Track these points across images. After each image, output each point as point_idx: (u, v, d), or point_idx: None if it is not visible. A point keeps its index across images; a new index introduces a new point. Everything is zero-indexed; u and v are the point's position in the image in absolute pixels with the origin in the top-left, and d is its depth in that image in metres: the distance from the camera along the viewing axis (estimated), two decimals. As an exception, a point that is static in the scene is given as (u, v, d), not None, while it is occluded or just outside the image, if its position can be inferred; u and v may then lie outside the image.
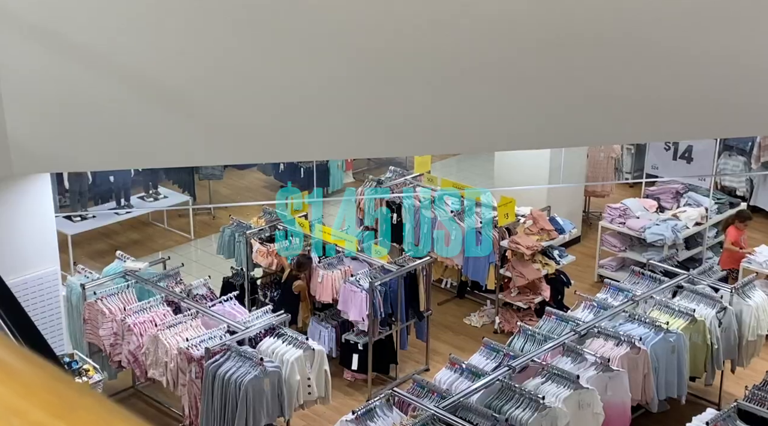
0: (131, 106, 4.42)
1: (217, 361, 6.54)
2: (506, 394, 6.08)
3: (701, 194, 10.10)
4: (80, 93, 4.33)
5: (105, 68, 4.15)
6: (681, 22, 3.94)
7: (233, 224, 9.10)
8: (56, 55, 3.94)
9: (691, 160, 10.44)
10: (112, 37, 3.95)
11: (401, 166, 10.98)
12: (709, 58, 4.19)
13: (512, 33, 3.95)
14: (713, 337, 7.18)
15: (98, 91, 4.32)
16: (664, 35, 4.00)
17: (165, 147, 4.87)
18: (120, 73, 4.14)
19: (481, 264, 8.98)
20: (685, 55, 4.18)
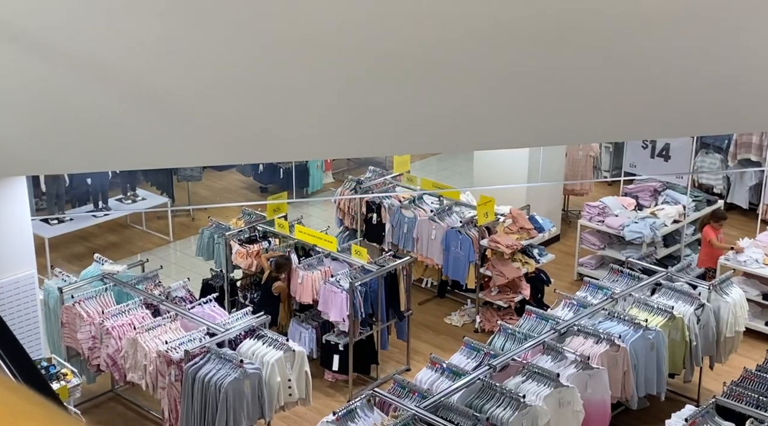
0: (108, 107, 4.37)
1: (196, 363, 6.50)
2: (487, 393, 6.09)
3: (679, 192, 10.18)
4: (56, 94, 4.28)
5: (81, 69, 4.11)
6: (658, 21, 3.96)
7: (212, 226, 9.05)
8: (31, 56, 3.89)
9: (668, 158, 10.52)
10: (88, 37, 3.91)
11: (381, 166, 10.98)
12: (685, 57, 4.21)
13: (492, 32, 3.96)
14: (692, 333, 7.24)
15: (74, 92, 4.27)
16: (640, 34, 4.01)
17: (143, 149, 4.83)
18: (97, 74, 4.10)
19: (461, 263, 9.00)
20: (662, 53, 4.20)
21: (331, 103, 4.36)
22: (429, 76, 4.25)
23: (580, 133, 5.24)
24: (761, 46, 4.02)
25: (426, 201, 9.56)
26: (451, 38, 4.04)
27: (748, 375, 6.19)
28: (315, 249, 8.42)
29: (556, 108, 4.46)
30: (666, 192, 10.22)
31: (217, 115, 4.64)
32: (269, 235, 8.79)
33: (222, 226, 8.95)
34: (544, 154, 10.20)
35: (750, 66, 4.14)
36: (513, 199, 9.82)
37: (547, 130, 4.75)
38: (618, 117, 4.71)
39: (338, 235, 9.75)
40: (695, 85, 4.41)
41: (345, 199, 9.89)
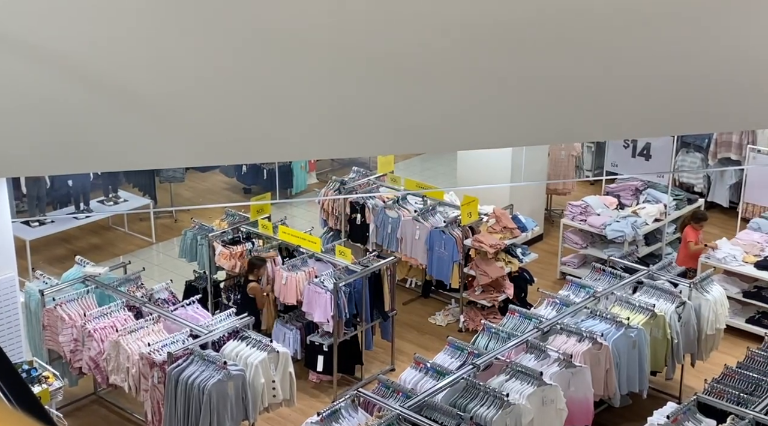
0: (89, 107, 4.34)
1: (179, 365, 6.48)
2: (471, 392, 6.11)
3: (660, 191, 10.26)
4: (35, 95, 4.25)
5: (61, 69, 4.08)
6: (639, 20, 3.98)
7: (195, 227, 9.02)
8: (8, 55, 3.85)
9: (649, 157, 10.60)
10: (67, 36, 3.87)
11: (364, 166, 10.98)
12: (666, 56, 4.24)
13: (474, 32, 3.97)
14: (673, 331, 7.30)
15: (54, 92, 4.24)
16: (621, 33, 4.04)
17: (124, 150, 4.80)
18: (77, 74, 4.07)
19: (445, 263, 9.02)
20: (643, 53, 4.22)
21: (314, 104, 4.35)
22: (412, 76, 4.26)
23: (562, 132, 5.27)
24: (742, 45, 4.06)
25: (410, 201, 9.58)
26: (433, 38, 4.05)
27: (729, 372, 6.25)
28: (299, 250, 8.41)
29: (538, 108, 4.48)
30: (647, 191, 10.29)
31: (199, 115, 4.62)
32: (253, 236, 8.78)
33: (205, 228, 8.91)
34: (526, 154, 10.25)
35: (730, 65, 4.18)
36: (496, 198, 9.86)
37: (529, 129, 4.77)
38: (600, 116, 4.74)
39: (322, 236, 9.75)
40: (676, 84, 4.45)
41: (329, 199, 9.89)
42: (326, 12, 3.80)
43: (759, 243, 9.21)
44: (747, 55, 4.05)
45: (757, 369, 6.31)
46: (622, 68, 4.21)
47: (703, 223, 9.10)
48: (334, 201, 9.85)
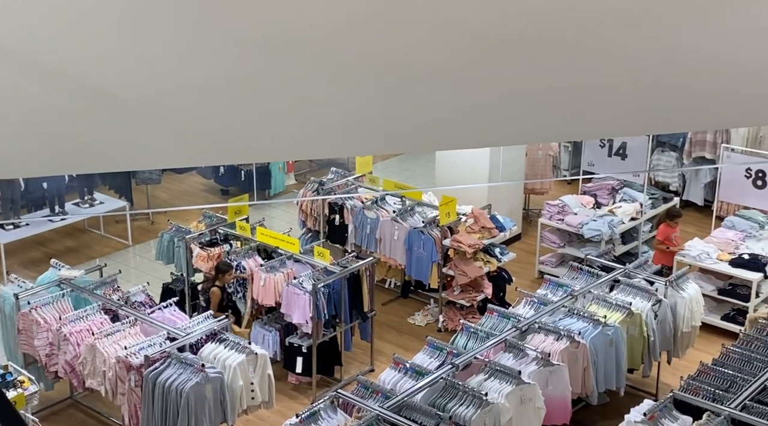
0: (63, 108, 4.30)
1: (157, 368, 6.43)
2: (450, 391, 6.12)
3: (636, 190, 10.35)
4: (9, 96, 4.20)
5: (34, 69, 4.04)
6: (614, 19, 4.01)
7: (172, 229, 8.96)
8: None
9: (625, 156, 10.69)
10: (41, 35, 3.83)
11: (343, 167, 10.97)
12: (641, 56, 4.28)
13: (450, 32, 3.97)
14: (649, 329, 7.36)
15: (27, 92, 4.19)
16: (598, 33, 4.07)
17: (100, 151, 4.76)
18: (51, 74, 4.03)
19: (424, 263, 9.03)
20: (618, 53, 4.26)
21: (292, 104, 4.34)
22: (389, 76, 4.26)
23: (539, 132, 5.30)
24: (716, 44, 4.11)
25: (388, 202, 9.58)
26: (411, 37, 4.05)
27: (705, 369, 6.30)
28: (277, 251, 8.38)
29: (516, 108, 4.50)
30: (623, 190, 10.38)
31: (177, 115, 4.59)
32: (230, 238, 8.74)
33: (182, 230, 8.86)
34: (504, 154, 10.29)
35: (704, 65, 4.22)
36: (474, 198, 9.89)
37: (507, 129, 4.80)
38: (576, 116, 4.77)
39: (301, 237, 9.73)
40: (651, 83, 4.48)
41: (307, 200, 9.87)
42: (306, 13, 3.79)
43: (733, 241, 9.32)
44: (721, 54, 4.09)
45: (732, 366, 6.37)
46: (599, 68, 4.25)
47: (677, 220, 9.18)
48: (312, 202, 9.83)
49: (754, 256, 8.94)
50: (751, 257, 8.92)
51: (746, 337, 6.77)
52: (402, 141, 5.56)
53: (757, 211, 9.82)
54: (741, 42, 4.25)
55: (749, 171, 9.69)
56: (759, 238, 9.39)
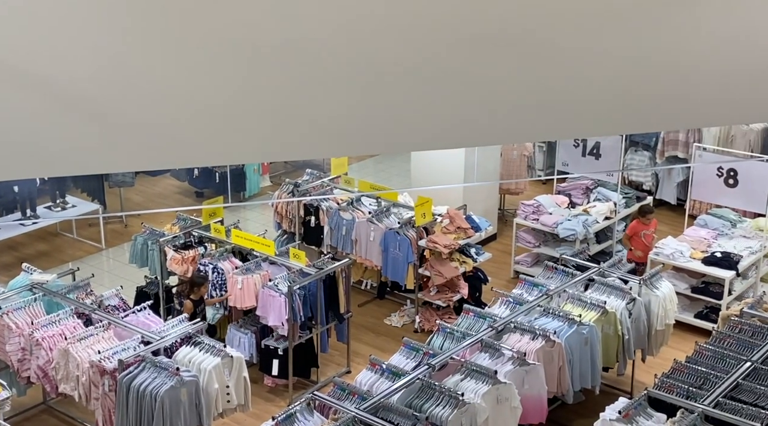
0: (33, 110, 4.25)
1: (131, 372, 6.37)
2: (426, 392, 6.13)
3: (610, 189, 10.43)
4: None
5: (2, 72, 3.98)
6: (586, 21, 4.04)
7: (146, 232, 8.88)
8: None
9: (599, 156, 10.76)
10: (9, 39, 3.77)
11: (318, 168, 10.94)
12: (614, 57, 4.31)
13: (426, 32, 3.97)
14: (624, 327, 7.41)
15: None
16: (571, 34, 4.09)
17: (72, 154, 4.70)
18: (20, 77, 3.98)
19: (400, 264, 9.03)
20: (592, 53, 4.28)
21: (266, 105, 4.31)
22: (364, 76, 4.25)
23: (514, 132, 5.32)
24: (687, 44, 4.14)
25: (364, 203, 9.57)
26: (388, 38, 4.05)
27: (678, 366, 6.36)
28: (252, 253, 8.33)
29: (490, 108, 4.52)
30: (597, 189, 10.45)
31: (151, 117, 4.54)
32: (205, 241, 8.68)
33: (156, 232, 8.79)
34: (479, 154, 10.32)
35: (676, 64, 4.25)
36: (450, 199, 9.91)
37: (482, 129, 4.81)
38: (551, 116, 4.80)
39: (276, 239, 9.68)
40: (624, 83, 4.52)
41: (282, 202, 9.83)
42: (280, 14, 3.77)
43: (706, 239, 9.42)
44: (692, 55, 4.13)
45: (705, 363, 6.44)
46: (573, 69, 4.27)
47: (650, 217, 9.24)
48: (287, 204, 9.79)
49: (727, 254, 9.04)
50: (723, 255, 9.03)
51: (719, 335, 6.84)
52: (377, 142, 5.56)
53: (728, 210, 9.94)
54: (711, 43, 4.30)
55: (721, 170, 9.81)
56: (731, 237, 9.50)
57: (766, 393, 5.91)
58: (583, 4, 4.01)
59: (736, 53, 4.26)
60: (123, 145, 5.04)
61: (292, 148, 5.50)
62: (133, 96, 4.48)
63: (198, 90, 4.43)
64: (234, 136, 4.85)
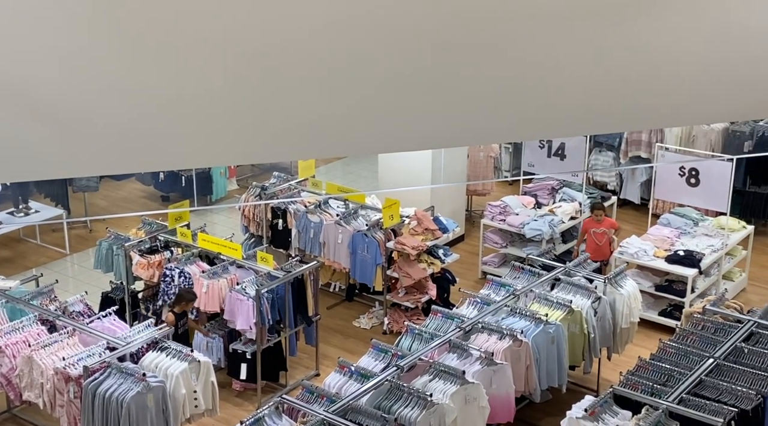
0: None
1: (96, 379, 6.30)
2: (395, 393, 6.14)
3: (575, 189, 10.54)
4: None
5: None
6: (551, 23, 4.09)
7: (111, 237, 8.79)
8: None
9: (564, 157, 10.88)
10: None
11: (286, 171, 10.91)
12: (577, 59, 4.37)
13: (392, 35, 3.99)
14: (589, 326, 7.50)
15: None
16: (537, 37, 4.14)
17: (34, 159, 4.64)
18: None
19: (368, 266, 9.04)
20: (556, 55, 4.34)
21: (232, 107, 4.30)
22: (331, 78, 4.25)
23: (480, 134, 5.37)
24: (649, 46, 4.22)
25: (332, 205, 9.57)
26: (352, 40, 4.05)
27: (643, 364, 6.45)
28: (219, 257, 8.28)
29: (457, 109, 4.55)
30: (563, 190, 10.56)
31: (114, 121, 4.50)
32: (171, 245, 8.60)
33: (121, 237, 8.70)
34: (446, 155, 10.37)
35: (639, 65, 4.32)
36: (417, 200, 9.94)
37: (449, 131, 4.85)
38: (516, 118, 4.85)
39: (244, 243, 9.64)
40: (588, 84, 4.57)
41: (250, 205, 9.78)
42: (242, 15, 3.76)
43: (669, 238, 9.56)
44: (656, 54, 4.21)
45: (669, 360, 6.53)
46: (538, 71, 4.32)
47: (599, 212, 9.25)
48: (255, 207, 9.75)
49: (689, 253, 9.19)
50: (686, 253, 9.17)
51: (682, 332, 6.95)
52: (345, 144, 5.57)
53: (691, 209, 10.10)
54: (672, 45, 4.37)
55: (683, 169, 9.97)
56: (693, 235, 9.66)
57: (729, 389, 6.02)
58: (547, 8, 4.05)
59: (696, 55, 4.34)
60: (86, 149, 4.99)
61: (259, 151, 5.48)
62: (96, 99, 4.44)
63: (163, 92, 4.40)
64: (200, 139, 4.82)
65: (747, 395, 5.92)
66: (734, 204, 9.84)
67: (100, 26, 3.92)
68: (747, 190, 10.91)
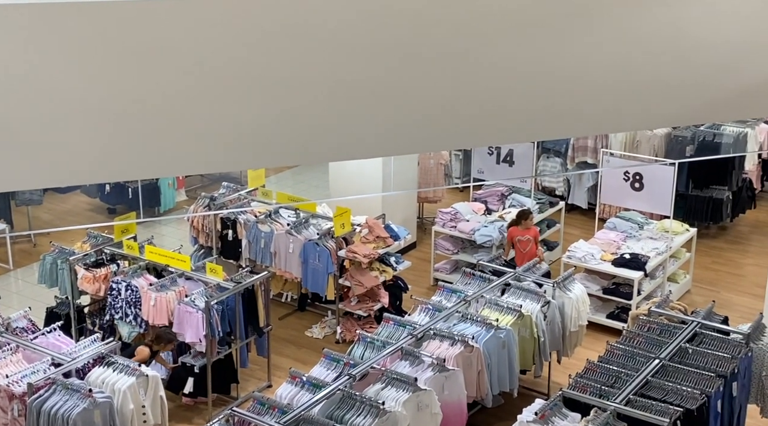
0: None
1: (41, 396, 6.15)
2: (347, 402, 6.12)
3: (524, 195, 10.67)
4: None
5: None
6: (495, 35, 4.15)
7: (55, 251, 8.61)
8: None
9: (512, 163, 11.00)
10: None
11: (235, 181, 10.82)
12: (523, 65, 4.44)
13: (341, 45, 4.00)
14: (539, 330, 7.58)
15: None
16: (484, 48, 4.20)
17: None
18: None
19: (320, 275, 9.01)
20: (504, 66, 4.41)
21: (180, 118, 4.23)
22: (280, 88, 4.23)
23: (430, 141, 5.39)
24: (593, 54, 4.29)
25: (282, 215, 9.52)
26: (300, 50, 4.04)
27: (591, 366, 6.53)
28: (168, 269, 8.17)
29: (406, 117, 4.56)
30: (512, 196, 10.68)
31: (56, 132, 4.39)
32: (118, 258, 8.46)
33: (66, 251, 8.52)
34: (396, 163, 10.41)
35: (583, 73, 4.39)
36: (369, 208, 9.95)
37: (398, 139, 4.85)
38: (464, 125, 4.88)
39: (193, 254, 9.52)
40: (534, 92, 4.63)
41: (198, 216, 9.67)
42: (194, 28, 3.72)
43: (615, 241, 9.74)
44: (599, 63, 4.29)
45: (616, 362, 6.63)
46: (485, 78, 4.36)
47: (526, 222, 9.32)
48: (204, 218, 9.64)
49: (635, 256, 9.36)
50: (632, 257, 9.35)
51: (629, 334, 7.06)
52: (294, 153, 5.53)
53: (636, 212, 10.30)
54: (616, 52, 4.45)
55: (627, 174, 10.16)
56: (639, 238, 9.85)
57: (674, 389, 6.13)
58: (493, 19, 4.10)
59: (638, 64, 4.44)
60: (28, 162, 4.86)
61: (208, 161, 5.41)
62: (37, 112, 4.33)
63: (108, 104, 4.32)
64: (147, 150, 4.74)
65: (692, 395, 6.04)
66: (677, 207, 10.06)
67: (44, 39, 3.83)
68: (689, 193, 11.18)
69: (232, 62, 3.98)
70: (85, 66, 3.91)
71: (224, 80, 4.09)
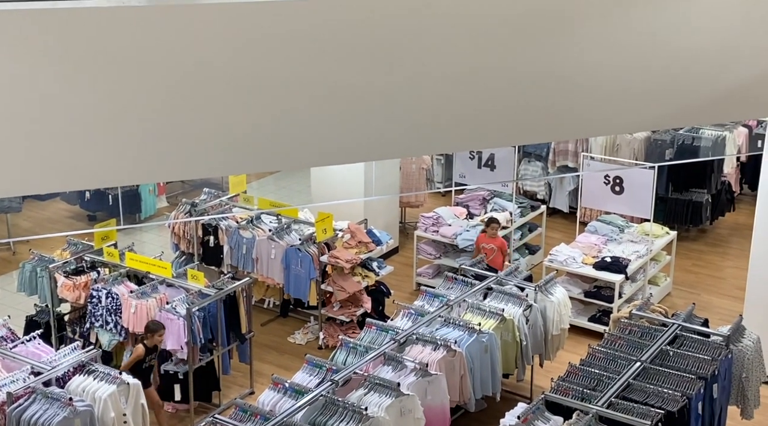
0: None
1: (21, 405, 6.09)
2: (330, 408, 6.11)
3: (505, 199, 10.71)
4: None
5: None
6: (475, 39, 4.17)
7: (34, 258, 8.53)
8: None
9: (494, 167, 11.04)
10: None
11: (216, 187, 10.77)
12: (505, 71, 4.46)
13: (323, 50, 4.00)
14: (521, 334, 7.60)
15: None
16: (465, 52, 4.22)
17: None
18: None
19: (302, 281, 8.99)
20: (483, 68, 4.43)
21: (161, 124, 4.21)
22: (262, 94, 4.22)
23: (411, 145, 5.40)
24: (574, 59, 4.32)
25: (264, 220, 9.49)
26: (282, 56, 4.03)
27: (573, 370, 6.55)
28: (148, 276, 8.11)
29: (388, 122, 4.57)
30: (494, 200, 10.72)
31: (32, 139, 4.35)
32: (98, 265, 8.39)
33: (45, 259, 8.45)
34: (378, 168, 10.41)
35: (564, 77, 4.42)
36: (351, 213, 9.94)
37: (380, 143, 4.86)
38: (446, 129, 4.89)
39: (174, 261, 9.46)
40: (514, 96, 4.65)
41: (179, 222, 9.62)
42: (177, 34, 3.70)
43: (596, 245, 9.79)
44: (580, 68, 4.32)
45: (598, 365, 6.66)
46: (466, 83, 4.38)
47: (492, 229, 9.34)
48: (185, 224, 9.59)
49: (616, 259, 9.42)
50: (613, 260, 9.40)
51: (610, 337, 7.10)
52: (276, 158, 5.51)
53: (616, 216, 10.37)
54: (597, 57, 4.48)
55: (608, 178, 10.23)
56: (619, 242, 9.91)
57: (655, 391, 6.17)
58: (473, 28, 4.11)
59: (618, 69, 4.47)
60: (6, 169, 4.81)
61: (189, 167, 5.38)
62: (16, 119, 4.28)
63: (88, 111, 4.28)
64: (127, 157, 4.71)
65: (673, 397, 6.08)
66: (657, 210, 10.14)
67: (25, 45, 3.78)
68: (669, 196, 11.27)
69: (212, 69, 3.97)
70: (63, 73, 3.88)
71: (205, 87, 4.09)
